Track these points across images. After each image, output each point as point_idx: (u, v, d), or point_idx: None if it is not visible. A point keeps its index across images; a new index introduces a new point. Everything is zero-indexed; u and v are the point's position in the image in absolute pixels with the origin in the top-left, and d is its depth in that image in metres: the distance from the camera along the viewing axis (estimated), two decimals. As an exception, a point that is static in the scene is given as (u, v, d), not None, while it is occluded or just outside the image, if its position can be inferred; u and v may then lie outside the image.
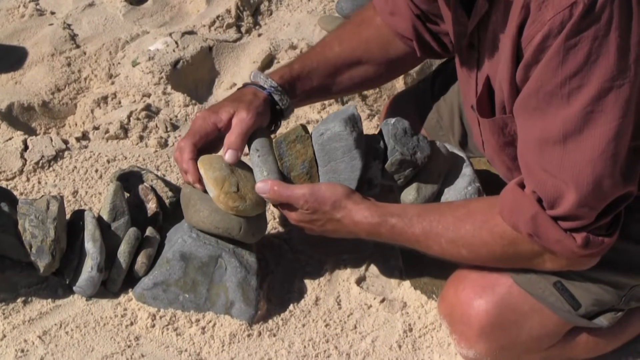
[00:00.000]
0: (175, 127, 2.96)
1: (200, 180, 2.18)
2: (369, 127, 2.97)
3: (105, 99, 3.03)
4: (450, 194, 2.25)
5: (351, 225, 2.11)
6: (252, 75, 2.31)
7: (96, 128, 2.91)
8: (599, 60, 1.72)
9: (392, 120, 2.22)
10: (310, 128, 2.21)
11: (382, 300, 2.39)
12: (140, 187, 2.43)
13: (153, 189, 2.44)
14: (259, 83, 2.27)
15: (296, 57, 2.44)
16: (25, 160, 2.72)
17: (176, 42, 3.25)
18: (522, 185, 1.93)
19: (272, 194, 2.12)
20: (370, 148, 2.18)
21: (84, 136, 2.89)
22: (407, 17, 2.27)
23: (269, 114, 2.26)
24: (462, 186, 2.24)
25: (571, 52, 1.73)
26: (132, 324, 2.25)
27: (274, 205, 2.23)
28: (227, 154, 2.17)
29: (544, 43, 1.75)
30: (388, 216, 2.08)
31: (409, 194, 2.23)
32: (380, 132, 2.23)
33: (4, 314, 2.23)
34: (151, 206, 2.40)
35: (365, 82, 2.45)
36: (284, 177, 2.16)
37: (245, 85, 2.31)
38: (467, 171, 2.27)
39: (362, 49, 2.36)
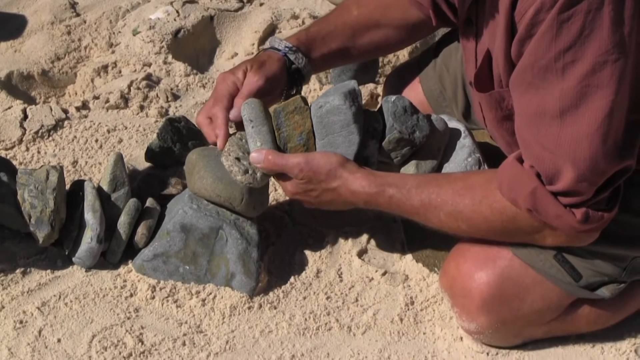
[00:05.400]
0: (176, 97, 2.94)
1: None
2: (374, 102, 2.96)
3: (105, 68, 3.02)
4: (450, 166, 2.24)
5: (348, 195, 2.09)
6: (269, 40, 2.32)
7: (96, 97, 2.90)
8: (592, 34, 1.71)
9: (393, 97, 2.20)
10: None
11: (384, 273, 2.38)
12: None
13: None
14: (274, 46, 2.30)
15: (314, 21, 2.45)
16: (25, 129, 2.71)
17: (177, 11, 3.23)
18: (520, 160, 1.92)
19: (266, 163, 2.10)
20: (368, 127, 2.17)
21: (84, 105, 2.87)
22: None
23: (284, 75, 2.27)
24: (462, 158, 2.23)
25: (564, 25, 1.71)
26: (131, 295, 2.25)
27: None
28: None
29: (536, 17, 1.74)
30: (386, 186, 2.06)
31: (408, 170, 2.21)
32: (381, 108, 2.21)
33: (2, 284, 2.23)
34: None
35: (384, 45, 2.45)
36: (279, 149, 2.14)
37: (263, 50, 2.32)
38: (466, 142, 2.25)
39: (380, 13, 2.36)
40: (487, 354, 2.22)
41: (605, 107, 1.75)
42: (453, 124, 2.29)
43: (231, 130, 2.23)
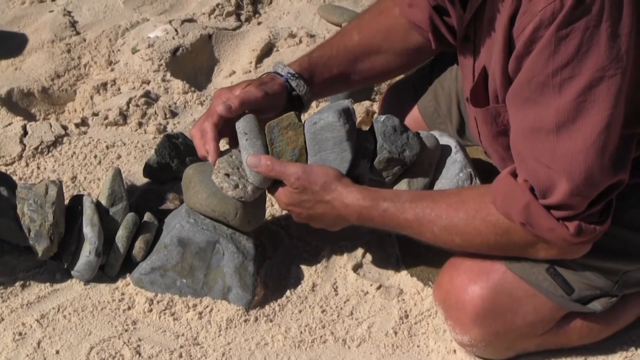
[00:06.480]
0: (174, 114, 2.97)
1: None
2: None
3: (104, 85, 3.04)
4: (442, 182, 2.25)
5: (341, 208, 2.11)
6: (273, 65, 2.34)
7: (95, 114, 2.92)
8: (590, 50, 1.74)
9: (382, 117, 2.22)
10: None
11: (379, 287, 2.40)
12: None
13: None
14: (277, 71, 2.31)
15: (316, 46, 2.46)
16: (25, 145, 2.73)
17: (176, 30, 3.26)
18: (514, 174, 1.95)
19: (264, 167, 2.12)
20: (360, 146, 2.19)
21: (83, 122, 2.89)
22: (425, 9, 2.27)
23: (283, 99, 2.28)
24: (453, 173, 2.25)
25: (562, 42, 1.74)
26: (129, 308, 2.27)
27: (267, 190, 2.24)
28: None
29: (535, 34, 1.77)
30: (380, 200, 2.09)
31: (400, 188, 2.23)
32: (372, 127, 2.24)
33: (2, 297, 2.25)
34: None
35: (386, 71, 2.46)
36: None
37: (266, 73, 2.35)
38: (457, 157, 2.27)
39: (381, 38, 2.38)
40: (480, 366, 2.25)
41: (602, 122, 1.78)
42: (444, 139, 2.31)
43: (224, 148, 2.25)
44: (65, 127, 2.84)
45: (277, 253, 2.48)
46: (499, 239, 2.01)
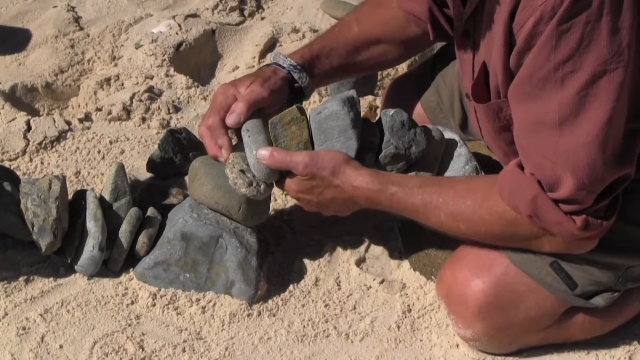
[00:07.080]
0: (177, 109, 2.97)
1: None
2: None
3: (108, 80, 3.05)
4: (449, 174, 2.26)
5: (350, 191, 2.11)
6: (273, 55, 2.34)
7: (99, 109, 2.93)
8: (591, 44, 1.74)
9: (392, 111, 2.23)
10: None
11: (382, 282, 2.40)
12: None
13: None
14: (279, 62, 2.31)
15: (315, 38, 2.47)
16: (28, 140, 2.74)
17: (179, 25, 3.26)
18: (521, 167, 1.94)
19: (272, 159, 2.12)
20: (365, 140, 2.19)
21: (87, 117, 2.90)
22: (424, 1, 2.28)
23: (286, 92, 2.29)
24: (459, 166, 2.26)
25: (563, 37, 1.74)
26: (133, 303, 2.27)
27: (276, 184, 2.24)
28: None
29: (535, 28, 1.77)
30: (389, 184, 2.09)
31: None
32: (379, 120, 2.24)
33: (6, 292, 2.25)
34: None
35: (384, 61, 2.48)
36: None
37: (266, 65, 2.35)
38: (462, 151, 2.28)
39: (380, 29, 2.39)
40: (483, 360, 2.25)
41: (604, 116, 1.78)
42: (448, 134, 2.31)
43: (234, 142, 2.26)
44: (68, 122, 2.85)
45: (280, 248, 2.48)
46: (504, 229, 2.01)
